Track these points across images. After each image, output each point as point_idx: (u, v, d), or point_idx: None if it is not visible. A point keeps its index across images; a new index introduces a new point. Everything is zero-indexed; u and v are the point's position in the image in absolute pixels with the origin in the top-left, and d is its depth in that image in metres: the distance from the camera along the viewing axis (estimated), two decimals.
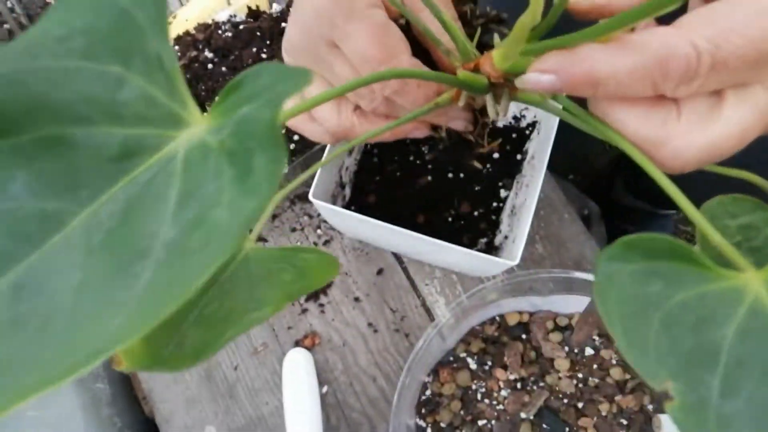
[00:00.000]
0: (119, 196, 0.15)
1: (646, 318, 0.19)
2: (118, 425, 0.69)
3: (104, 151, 0.16)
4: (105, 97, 0.16)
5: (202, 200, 0.15)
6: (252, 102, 0.16)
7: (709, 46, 0.22)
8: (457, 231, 0.66)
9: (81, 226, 0.15)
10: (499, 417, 0.61)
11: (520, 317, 0.65)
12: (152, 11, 0.16)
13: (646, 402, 0.62)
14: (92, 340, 0.13)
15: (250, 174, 0.15)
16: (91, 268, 0.14)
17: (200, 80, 0.71)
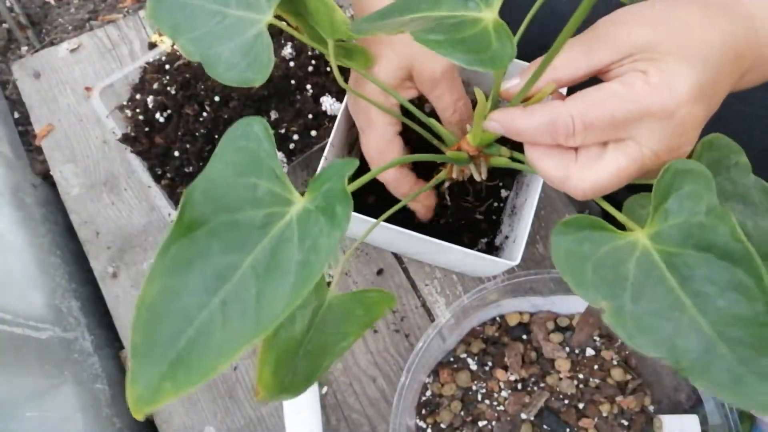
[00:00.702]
0: (266, 245, 0.28)
1: (583, 266, 0.31)
2: (118, 426, 0.69)
3: (253, 223, 0.29)
4: (249, 195, 0.29)
5: (312, 236, 0.28)
6: (329, 181, 0.31)
7: (579, 114, 0.33)
8: (457, 231, 0.65)
9: (249, 264, 0.28)
10: (499, 418, 0.60)
11: (520, 318, 0.65)
12: (267, 148, 0.31)
13: (647, 403, 0.62)
14: (273, 311, 0.26)
15: (335, 217, 0.29)
16: (261, 282, 0.27)
17: (199, 79, 0.71)
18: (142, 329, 0.26)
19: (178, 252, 0.27)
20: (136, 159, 0.70)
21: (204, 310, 0.26)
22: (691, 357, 0.28)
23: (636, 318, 0.29)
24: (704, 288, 0.30)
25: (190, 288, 0.27)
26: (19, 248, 0.70)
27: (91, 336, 0.73)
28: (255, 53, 0.36)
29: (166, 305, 0.26)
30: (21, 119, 0.94)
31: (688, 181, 0.32)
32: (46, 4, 1.06)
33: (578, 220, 0.32)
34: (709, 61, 0.34)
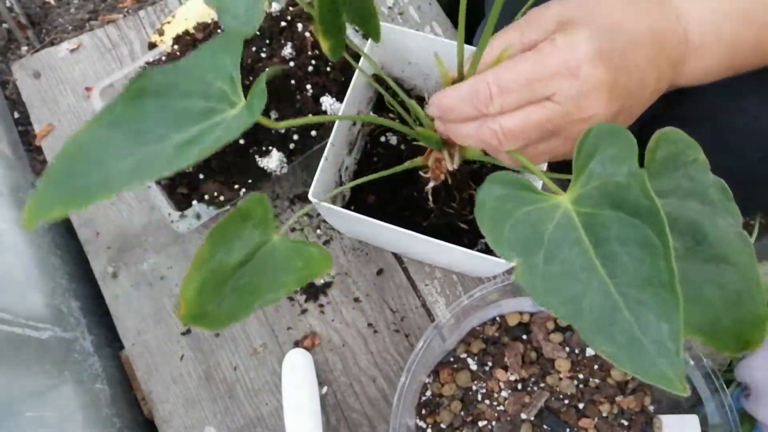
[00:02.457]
0: (195, 130, 0.31)
1: (503, 223, 0.31)
2: (118, 425, 0.69)
3: (196, 109, 0.32)
4: (203, 89, 0.33)
5: (228, 121, 0.32)
6: (256, 86, 0.32)
7: (494, 79, 0.36)
8: (457, 231, 0.65)
9: (175, 141, 0.31)
10: (499, 418, 0.60)
11: (520, 318, 0.65)
12: (234, 55, 0.33)
13: (647, 403, 0.62)
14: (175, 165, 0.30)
15: (252, 109, 0.31)
16: (177, 151, 0.31)
17: None
18: (63, 160, 0.30)
19: (119, 113, 0.31)
20: None
21: (118, 161, 0.30)
22: (592, 318, 0.28)
23: (546, 278, 0.29)
24: (615, 248, 0.29)
25: (115, 144, 0.30)
26: (19, 248, 0.70)
27: (91, 336, 0.73)
28: (252, 10, 0.39)
29: (91, 149, 0.30)
30: (21, 119, 0.94)
31: (612, 144, 0.31)
32: (46, 4, 1.06)
33: (504, 178, 0.33)
34: (616, 31, 0.37)
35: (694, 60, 0.41)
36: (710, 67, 0.42)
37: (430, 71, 0.66)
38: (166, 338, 0.69)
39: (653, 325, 0.27)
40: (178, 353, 0.68)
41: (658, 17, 0.39)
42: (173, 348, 0.69)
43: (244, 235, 0.35)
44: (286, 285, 0.36)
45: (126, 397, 0.73)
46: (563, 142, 0.39)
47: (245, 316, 0.35)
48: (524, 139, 0.38)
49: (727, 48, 0.42)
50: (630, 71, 0.38)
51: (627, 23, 0.38)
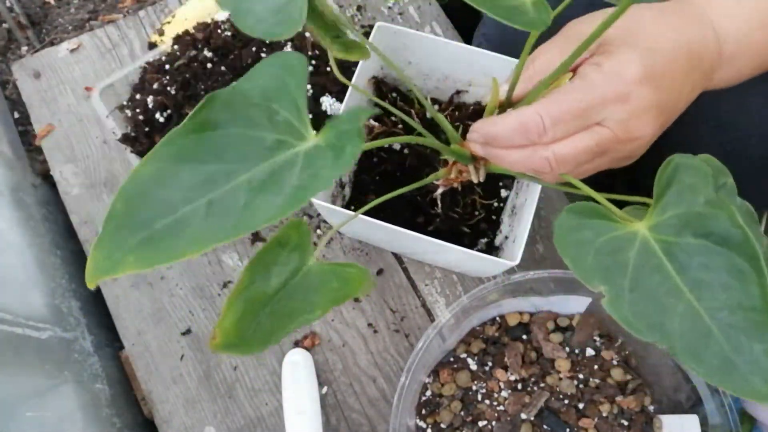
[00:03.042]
0: (267, 167, 0.29)
1: (585, 252, 0.32)
2: (118, 425, 0.69)
3: (262, 143, 0.30)
4: (267, 117, 0.31)
5: (315, 167, 0.29)
6: (345, 123, 0.31)
7: (546, 111, 0.36)
8: (457, 231, 0.65)
9: (245, 178, 0.29)
10: (499, 418, 0.60)
11: (520, 318, 0.65)
12: (298, 80, 0.32)
13: (647, 403, 0.62)
14: (253, 221, 0.27)
15: (342, 154, 0.29)
16: (252, 195, 0.28)
17: (199, 79, 0.71)
18: (125, 201, 0.27)
19: (182, 146, 0.29)
20: (137, 159, 0.70)
21: (188, 205, 0.28)
22: (684, 341, 0.29)
23: (633, 303, 0.31)
24: (701, 275, 0.31)
25: (181, 183, 0.28)
26: (19, 248, 0.70)
27: (91, 336, 0.74)
28: (287, 11, 0.37)
29: (155, 190, 0.28)
30: (21, 119, 0.94)
31: (687, 174, 0.33)
32: (46, 4, 1.06)
33: (582, 207, 0.34)
34: (657, 50, 0.38)
35: (725, 68, 0.42)
36: (740, 73, 0.44)
37: (430, 71, 0.66)
38: (166, 338, 0.69)
39: (745, 345, 0.29)
40: (178, 353, 0.68)
41: (695, 33, 0.40)
42: (173, 348, 0.69)
43: (281, 261, 0.35)
44: (320, 306, 0.36)
45: (126, 397, 0.73)
46: (609, 161, 0.40)
47: (278, 340, 0.35)
48: (575, 164, 0.39)
49: (756, 54, 0.43)
50: (671, 88, 0.39)
51: (666, 41, 0.38)
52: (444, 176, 0.50)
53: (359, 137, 0.30)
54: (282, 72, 0.32)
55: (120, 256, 0.26)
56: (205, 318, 0.70)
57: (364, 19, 0.82)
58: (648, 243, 0.32)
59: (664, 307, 0.30)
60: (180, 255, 0.26)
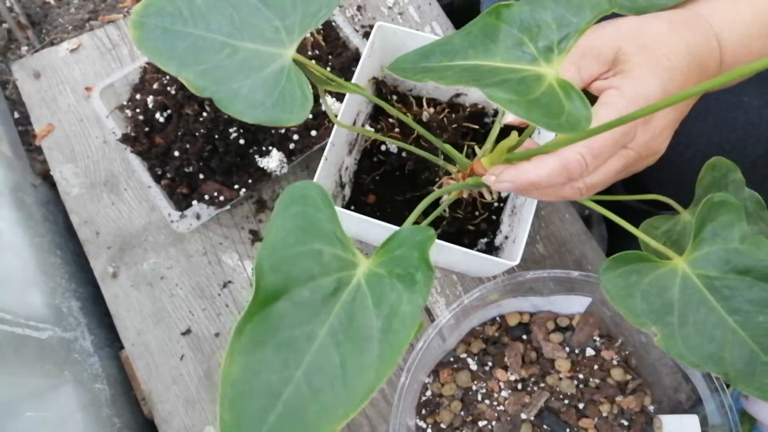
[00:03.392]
0: (340, 311, 0.29)
1: (632, 296, 0.34)
2: (118, 425, 0.69)
3: (324, 291, 0.29)
4: (315, 262, 0.30)
5: (390, 302, 0.28)
6: (402, 247, 0.31)
7: (586, 149, 0.37)
8: (457, 231, 0.65)
9: (326, 332, 0.28)
10: (499, 418, 0.60)
11: (520, 318, 0.65)
12: (327, 213, 0.31)
13: (647, 403, 0.62)
14: (360, 388, 0.26)
15: (415, 284, 0.29)
16: (343, 352, 0.27)
17: None
18: (230, 407, 0.26)
19: (254, 329, 0.28)
20: (136, 159, 0.70)
21: (289, 384, 0.26)
22: (736, 368, 0.32)
23: (685, 338, 0.33)
24: (744, 307, 0.33)
25: (269, 364, 0.27)
26: (19, 248, 0.70)
27: (91, 336, 0.74)
28: (282, 89, 0.34)
29: (249, 383, 0.26)
30: (21, 119, 0.94)
31: (721, 212, 0.35)
32: (46, 4, 1.06)
33: (623, 256, 0.36)
34: (675, 69, 0.39)
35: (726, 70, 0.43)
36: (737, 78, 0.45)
37: None
38: (166, 338, 0.69)
39: None
40: (178, 353, 0.68)
41: (703, 44, 0.41)
42: (173, 348, 0.69)
43: None
44: None
45: (126, 397, 0.73)
46: (628, 172, 0.42)
47: None
48: (604, 187, 0.40)
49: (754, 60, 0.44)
50: (686, 103, 0.41)
51: (680, 57, 0.39)
52: (455, 198, 0.51)
53: (428, 266, 0.29)
54: (308, 208, 0.31)
55: None
56: (205, 318, 0.70)
57: (364, 18, 0.82)
58: (689, 278, 0.35)
59: (713, 338, 0.33)
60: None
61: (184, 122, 0.69)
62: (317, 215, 0.31)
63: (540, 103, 0.30)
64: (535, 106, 0.30)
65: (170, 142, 0.70)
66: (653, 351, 0.65)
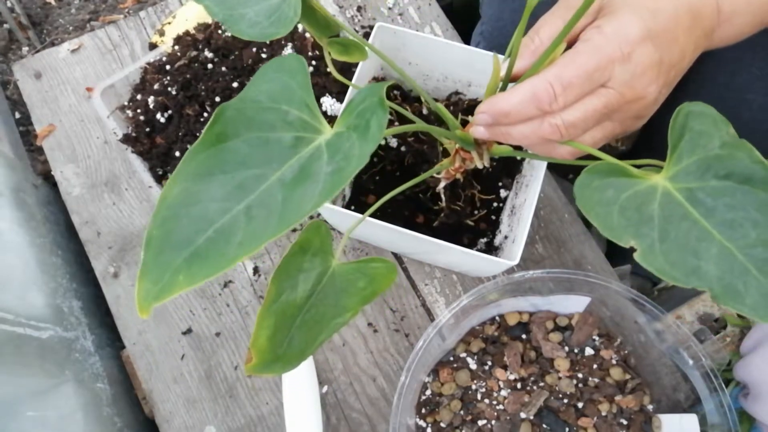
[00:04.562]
0: (294, 163, 0.30)
1: (610, 210, 0.32)
2: (119, 425, 0.69)
3: (284, 143, 0.31)
4: (281, 118, 0.32)
5: (344, 151, 0.30)
6: (364, 101, 0.32)
7: (555, 77, 0.37)
8: (456, 231, 0.66)
9: (276, 177, 0.29)
10: (499, 417, 0.61)
11: (520, 317, 0.65)
12: (300, 80, 0.33)
13: (646, 402, 0.62)
14: (298, 212, 0.28)
15: (368, 130, 0.30)
16: (288, 191, 0.29)
17: (200, 80, 0.71)
18: (160, 225, 0.27)
19: (205, 160, 0.29)
20: (137, 159, 0.70)
21: (227, 214, 0.28)
22: (723, 282, 0.30)
23: (666, 253, 0.31)
24: (728, 215, 0.31)
25: (212, 194, 0.28)
26: (20, 248, 0.70)
27: (92, 336, 0.74)
28: (280, 12, 0.37)
29: (187, 208, 0.28)
30: (22, 119, 0.94)
31: (698, 121, 0.33)
32: (47, 4, 1.06)
33: (599, 167, 0.34)
34: (659, 10, 0.38)
35: (725, 27, 0.43)
36: (740, 30, 0.44)
37: (430, 72, 0.66)
38: (167, 338, 0.69)
39: None
40: (179, 352, 0.69)
41: None
42: (174, 347, 0.69)
43: (305, 267, 0.35)
44: (350, 308, 0.36)
45: (127, 396, 0.73)
46: (618, 123, 0.41)
47: (313, 351, 0.35)
48: (584, 128, 0.39)
49: (756, 9, 0.43)
50: (672, 47, 0.39)
51: (666, 1, 0.39)
52: (448, 166, 0.50)
53: (382, 109, 0.30)
54: (284, 75, 0.33)
55: (169, 277, 0.26)
56: (205, 317, 0.70)
57: (364, 19, 0.82)
58: (669, 193, 0.33)
59: (697, 252, 0.31)
60: (230, 262, 0.26)
61: (185, 122, 0.69)
62: (291, 83, 0.32)
63: None
64: None
65: (171, 142, 0.70)
66: (652, 350, 0.65)
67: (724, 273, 0.30)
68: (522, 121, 0.39)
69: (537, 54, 0.40)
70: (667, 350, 0.63)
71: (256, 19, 0.37)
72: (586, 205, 0.33)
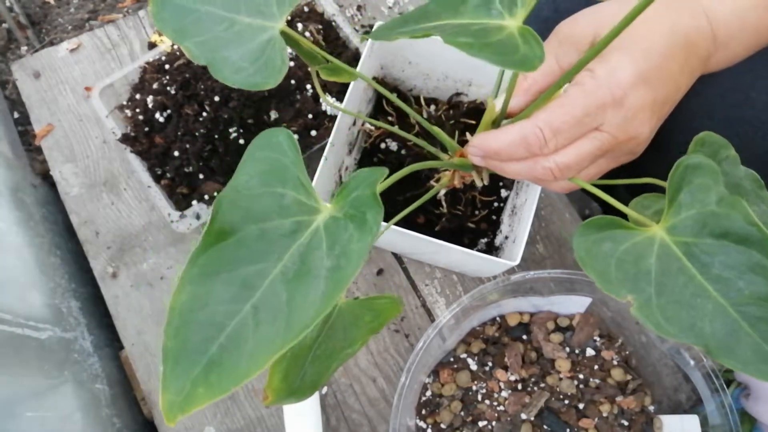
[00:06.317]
0: (295, 252, 0.29)
1: (607, 263, 0.32)
2: (117, 426, 0.69)
3: (281, 232, 0.30)
4: (276, 204, 0.30)
5: (341, 243, 0.29)
6: (357, 189, 0.32)
7: (545, 123, 0.37)
8: (457, 231, 0.65)
9: (279, 271, 0.28)
10: (499, 418, 0.60)
11: (520, 318, 0.65)
12: (292, 157, 0.32)
13: (647, 403, 0.62)
14: (304, 318, 0.27)
15: (365, 223, 0.30)
16: (291, 288, 0.28)
17: (199, 79, 0.71)
18: (174, 335, 0.27)
19: (207, 261, 0.29)
20: (136, 159, 0.70)
21: (236, 317, 0.27)
22: (717, 339, 0.30)
23: (662, 308, 0.31)
24: (724, 273, 0.31)
25: (218, 296, 0.28)
26: (18, 248, 0.70)
27: (91, 336, 0.73)
28: (266, 58, 0.36)
29: (196, 313, 0.27)
30: (21, 119, 0.94)
31: (697, 175, 0.33)
32: (46, 3, 1.06)
33: (597, 221, 0.34)
34: (651, 50, 0.38)
35: (720, 52, 0.42)
36: (736, 54, 0.44)
37: (430, 71, 0.66)
38: None
39: None
40: None
41: (690, 23, 0.40)
42: None
43: None
44: (359, 339, 0.36)
45: (126, 397, 0.73)
46: (612, 160, 0.41)
47: (327, 379, 0.36)
48: (577, 169, 0.39)
49: (751, 34, 0.43)
50: (666, 82, 0.39)
51: (661, 38, 0.39)
52: (447, 184, 0.50)
53: (377, 203, 0.30)
54: (273, 152, 0.32)
55: (190, 388, 0.26)
56: None
57: (364, 18, 0.82)
58: (667, 246, 0.33)
59: (692, 308, 0.31)
60: (245, 375, 0.26)
61: (183, 122, 0.69)
62: (283, 160, 0.32)
63: (493, 45, 0.31)
64: (489, 47, 0.31)
65: (170, 141, 0.69)
66: (654, 351, 0.65)
67: (718, 330, 0.30)
68: (514, 161, 0.39)
69: (530, 92, 0.40)
70: (669, 351, 0.63)
71: (241, 64, 0.36)
72: (584, 259, 0.33)
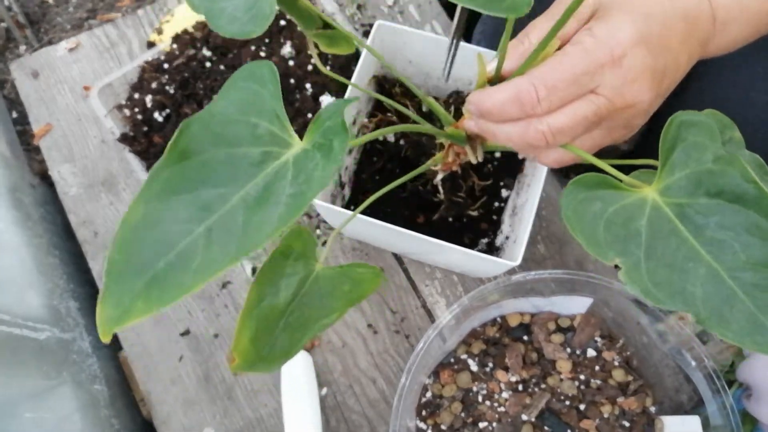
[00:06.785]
0: (260, 181, 0.29)
1: (595, 224, 0.31)
2: (116, 426, 0.68)
3: (250, 159, 0.29)
4: (248, 132, 0.30)
5: (307, 172, 0.29)
6: (328, 119, 0.31)
7: (539, 80, 0.35)
8: (457, 231, 0.65)
9: (240, 197, 0.28)
10: (500, 419, 0.60)
11: (521, 318, 0.65)
12: (272, 89, 0.31)
13: (649, 404, 0.62)
14: (251, 244, 0.27)
15: (332, 151, 0.29)
16: (250, 213, 0.27)
17: (198, 78, 0.71)
18: (121, 247, 0.26)
19: (168, 179, 0.28)
20: (135, 158, 0.69)
21: (187, 237, 0.27)
22: (709, 306, 0.28)
23: (651, 273, 0.29)
24: (718, 235, 0.29)
25: (174, 216, 0.27)
26: (17, 248, 0.69)
27: (90, 337, 0.73)
28: (258, 7, 0.36)
29: (149, 230, 0.27)
30: (19, 119, 0.94)
31: (692, 132, 0.31)
32: (45, 3, 1.05)
33: (586, 179, 0.32)
34: (652, 15, 0.37)
35: (720, 35, 0.42)
36: (735, 39, 0.43)
37: (431, 70, 0.65)
38: (165, 339, 0.69)
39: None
40: (177, 354, 0.68)
41: (690, 1, 0.39)
42: (172, 349, 0.68)
43: (288, 272, 0.35)
44: (336, 309, 0.35)
45: (125, 398, 0.72)
46: (607, 132, 0.39)
47: (297, 351, 0.34)
48: (571, 135, 0.37)
49: (751, 18, 0.42)
50: (666, 54, 0.38)
51: (660, 7, 0.38)
52: (441, 160, 0.49)
53: (344, 130, 0.30)
54: (254, 84, 0.32)
55: (128, 302, 0.25)
56: (204, 319, 0.69)
57: (364, 17, 0.81)
58: (659, 208, 0.31)
59: (683, 272, 0.29)
60: (187, 289, 0.26)
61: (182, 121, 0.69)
62: (262, 92, 0.31)
63: None
64: None
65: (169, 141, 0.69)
66: (655, 352, 0.64)
67: (711, 296, 0.28)
68: (506, 121, 0.38)
69: (525, 56, 0.39)
70: (670, 351, 0.63)
71: (235, 14, 0.36)
72: (570, 219, 0.31)
